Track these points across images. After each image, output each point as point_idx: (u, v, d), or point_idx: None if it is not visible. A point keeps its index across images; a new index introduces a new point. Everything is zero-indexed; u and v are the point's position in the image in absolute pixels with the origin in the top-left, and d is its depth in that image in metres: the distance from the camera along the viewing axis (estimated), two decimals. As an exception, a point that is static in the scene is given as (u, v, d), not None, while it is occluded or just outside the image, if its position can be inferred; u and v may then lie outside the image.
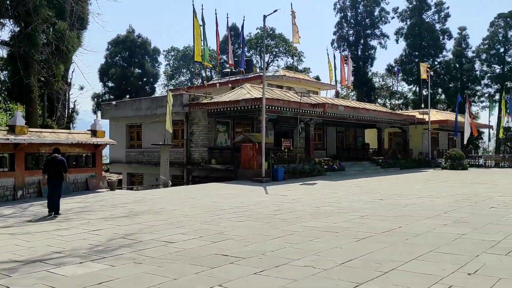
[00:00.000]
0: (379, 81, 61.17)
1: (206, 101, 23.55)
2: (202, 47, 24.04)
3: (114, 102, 29.70)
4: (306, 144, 25.49)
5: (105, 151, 39.18)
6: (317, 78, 53.06)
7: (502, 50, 52.63)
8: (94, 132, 17.98)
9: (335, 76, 37.35)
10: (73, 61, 26.27)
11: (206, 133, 23.44)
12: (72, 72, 29.63)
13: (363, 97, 54.12)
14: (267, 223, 8.85)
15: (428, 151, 34.19)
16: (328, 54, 37.82)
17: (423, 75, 36.06)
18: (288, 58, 56.74)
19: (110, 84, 54.14)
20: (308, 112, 23.54)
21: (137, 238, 7.57)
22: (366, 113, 28.12)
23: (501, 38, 52.51)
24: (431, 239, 6.97)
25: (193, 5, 23.24)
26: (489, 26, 53.24)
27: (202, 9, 23.78)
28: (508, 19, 51.86)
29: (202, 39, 23.60)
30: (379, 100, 59.62)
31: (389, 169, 28.54)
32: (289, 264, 5.62)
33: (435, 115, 37.32)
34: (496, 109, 47.08)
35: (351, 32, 56.70)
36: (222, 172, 22.00)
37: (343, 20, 56.55)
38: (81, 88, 47.51)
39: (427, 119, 33.94)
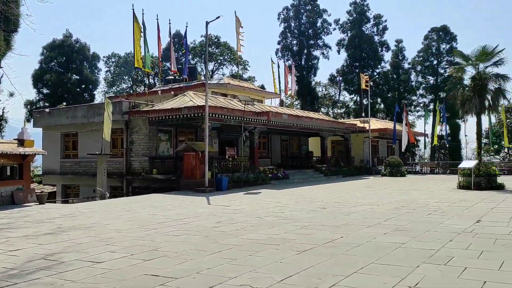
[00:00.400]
0: (322, 91, 62.60)
1: (147, 109, 22.71)
2: (142, 53, 23.23)
3: (47, 110, 27.95)
4: (250, 152, 25.28)
5: (38, 162, 36.80)
6: (262, 86, 53.37)
7: (435, 62, 55.63)
8: (21, 142, 16.64)
9: (279, 85, 37.67)
10: (1, 66, 24.38)
11: (147, 142, 22.57)
12: (1, 77, 27.55)
13: (307, 106, 55.06)
14: (206, 236, 8.39)
15: (369, 158, 35.18)
16: (272, 63, 38.01)
17: (363, 85, 37.26)
18: (233, 66, 56.69)
19: (45, 90, 51.20)
20: (252, 120, 23.37)
21: (59, 258, 6.83)
22: (310, 121, 28.46)
23: (434, 51, 55.51)
24: (372, 250, 6.84)
25: (133, 9, 22.36)
26: (423, 39, 56.16)
27: (142, 14, 23.03)
28: (440, 33, 54.98)
29: (143, 44, 22.80)
30: (322, 109, 60.96)
31: (332, 176, 28.98)
32: (224, 284, 5.20)
33: (375, 123, 38.57)
34: (431, 118, 49.63)
35: (295, 42, 57.66)
36: (164, 183, 21.22)
37: (287, 30, 57.41)
38: (11, 95, 44.28)
39: (367, 128, 34.95)
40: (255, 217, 10.93)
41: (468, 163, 19.35)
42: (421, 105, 56.90)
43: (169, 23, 25.13)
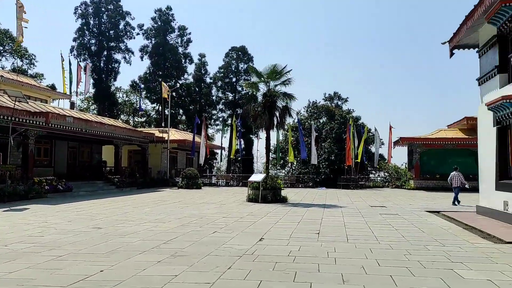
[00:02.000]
0: (123, 97, 59.33)
1: None
2: None
3: None
4: (23, 160, 21.17)
5: None
6: (53, 86, 47.24)
7: (234, 79, 58.68)
8: None
9: (70, 85, 33.67)
10: None
11: None
12: None
13: (105, 112, 51.08)
14: None
15: (167, 169, 34.14)
16: (63, 61, 33.66)
17: (164, 95, 36.25)
18: (16, 59, 48.53)
19: None
20: (26, 121, 19.55)
21: None
22: (101, 127, 25.69)
23: (233, 69, 58.53)
24: (135, 289, 5.34)
25: None
26: (224, 57, 58.71)
27: None
28: (240, 53, 58.39)
29: None
30: (122, 116, 57.63)
31: (125, 189, 26.86)
32: None
33: (175, 134, 37.85)
34: (228, 132, 51.92)
35: (93, 41, 52.97)
36: None
37: (85, 28, 52.33)
38: None
39: (166, 138, 33.90)
40: (-3, 246, 8.25)
41: (257, 177, 19.89)
42: (220, 119, 59.15)
43: None
